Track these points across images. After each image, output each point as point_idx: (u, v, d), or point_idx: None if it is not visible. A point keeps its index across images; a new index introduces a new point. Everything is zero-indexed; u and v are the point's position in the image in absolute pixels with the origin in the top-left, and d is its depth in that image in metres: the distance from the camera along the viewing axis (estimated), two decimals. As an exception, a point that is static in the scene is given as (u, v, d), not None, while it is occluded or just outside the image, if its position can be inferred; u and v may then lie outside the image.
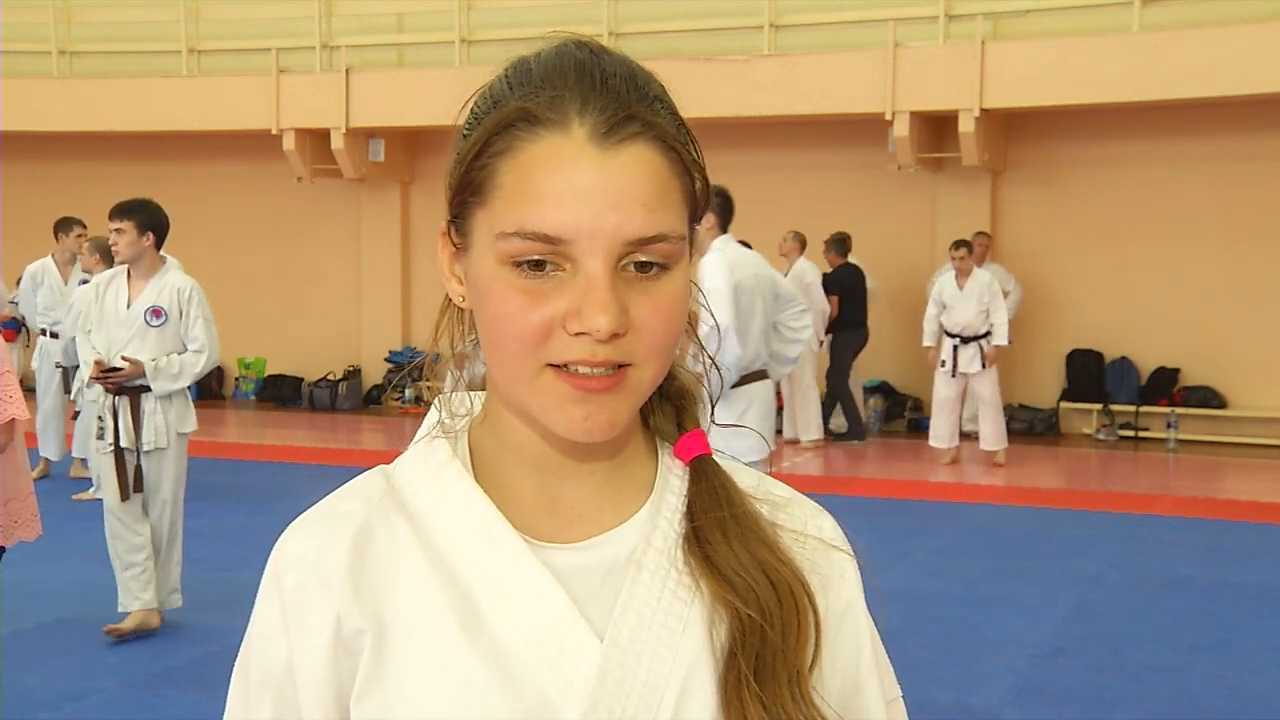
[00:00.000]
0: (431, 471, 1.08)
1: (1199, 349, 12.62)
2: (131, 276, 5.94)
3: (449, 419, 1.10)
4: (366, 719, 1.02)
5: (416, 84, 13.70)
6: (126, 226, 5.82)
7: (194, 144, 15.32)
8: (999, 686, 5.44)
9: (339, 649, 1.03)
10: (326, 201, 15.26)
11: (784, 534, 1.08)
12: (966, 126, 12.23)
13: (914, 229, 13.36)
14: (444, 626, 1.01)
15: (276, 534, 1.09)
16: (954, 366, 10.94)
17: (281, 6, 14.98)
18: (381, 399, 14.86)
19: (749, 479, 1.11)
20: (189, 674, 5.41)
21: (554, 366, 0.97)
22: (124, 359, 5.80)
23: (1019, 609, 6.60)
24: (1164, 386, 12.71)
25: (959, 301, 10.96)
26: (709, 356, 1.14)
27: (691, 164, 1.01)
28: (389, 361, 14.80)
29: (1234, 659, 5.82)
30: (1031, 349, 12.73)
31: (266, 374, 15.50)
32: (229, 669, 1.09)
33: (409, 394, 13.72)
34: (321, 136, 14.48)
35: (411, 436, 1.12)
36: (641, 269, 0.97)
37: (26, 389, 5.86)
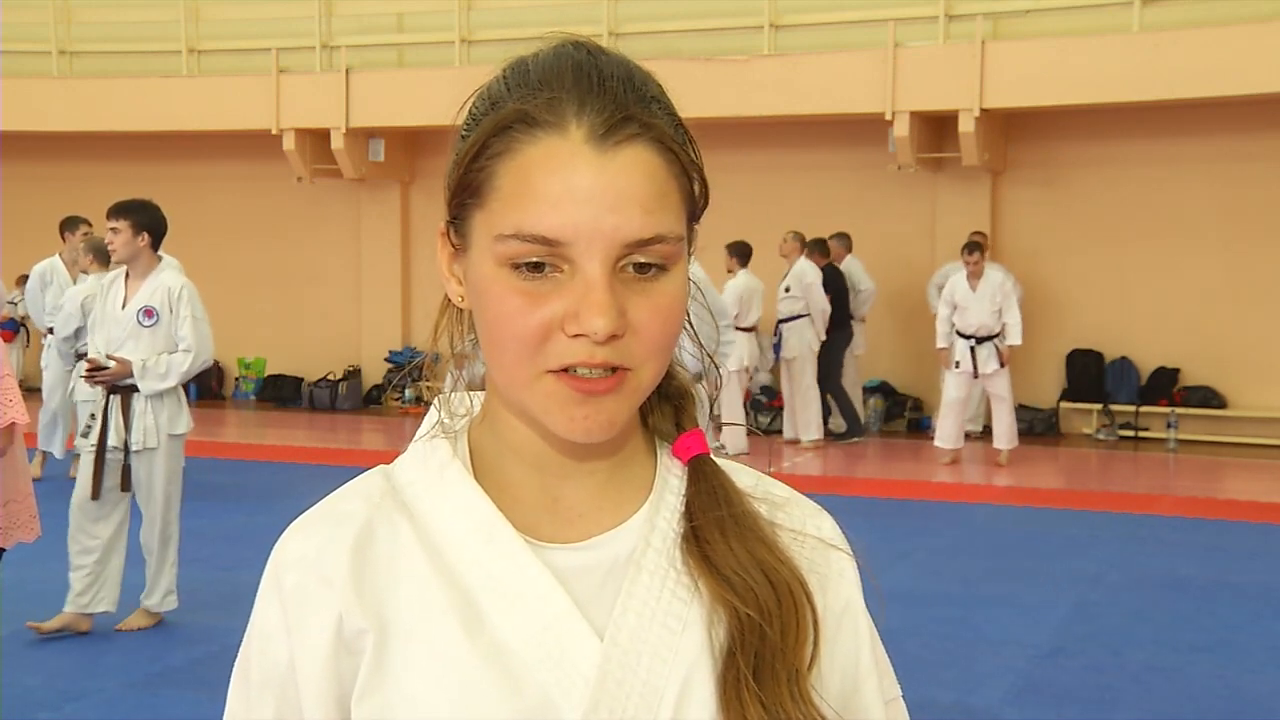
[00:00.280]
0: (432, 471, 1.08)
1: (1199, 349, 12.61)
2: (129, 276, 5.96)
3: (449, 419, 1.10)
4: (367, 719, 1.02)
5: (416, 84, 13.71)
6: (122, 226, 5.83)
7: (194, 144, 15.32)
8: (999, 686, 5.44)
9: (341, 649, 1.03)
10: (326, 201, 15.26)
11: (783, 533, 1.08)
12: (966, 126, 12.23)
13: (914, 229, 13.36)
14: (445, 626, 1.01)
15: (276, 534, 1.09)
16: (974, 368, 10.93)
17: (281, 6, 14.98)
18: (381, 399, 14.86)
19: (747, 478, 1.11)
20: (189, 674, 5.41)
21: (553, 371, 0.97)
22: (110, 358, 5.82)
23: (1019, 609, 6.60)
24: (1164, 386, 12.71)
25: (972, 302, 10.95)
26: (709, 355, 1.14)
27: (689, 164, 1.01)
28: (389, 361, 14.81)
29: (1234, 659, 5.82)
30: (1031, 349, 12.71)
31: (266, 374, 15.51)
32: (229, 669, 1.09)
33: (409, 394, 13.72)
34: (321, 136, 14.48)
35: (411, 436, 1.12)
36: (640, 270, 0.97)
37: (30, 389, 5.87)
